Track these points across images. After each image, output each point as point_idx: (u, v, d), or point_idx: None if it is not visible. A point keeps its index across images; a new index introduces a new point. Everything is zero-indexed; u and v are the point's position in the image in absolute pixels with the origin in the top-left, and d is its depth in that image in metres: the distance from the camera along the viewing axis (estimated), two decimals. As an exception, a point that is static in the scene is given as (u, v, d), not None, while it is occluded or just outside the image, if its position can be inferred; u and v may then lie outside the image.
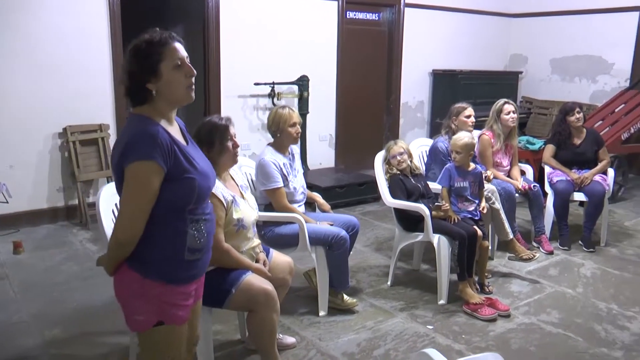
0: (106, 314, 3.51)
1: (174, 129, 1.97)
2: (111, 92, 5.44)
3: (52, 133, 5.17)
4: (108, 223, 2.58)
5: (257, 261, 2.79)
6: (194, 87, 1.95)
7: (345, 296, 3.62)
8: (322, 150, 7.11)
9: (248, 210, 2.76)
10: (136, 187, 1.82)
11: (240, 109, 6.30)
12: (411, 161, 3.96)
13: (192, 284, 2.04)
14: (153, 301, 1.92)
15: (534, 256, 4.23)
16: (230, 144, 2.69)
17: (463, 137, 3.89)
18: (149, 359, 2.07)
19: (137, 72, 1.87)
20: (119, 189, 1.89)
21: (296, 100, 6.46)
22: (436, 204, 3.87)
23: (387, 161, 3.96)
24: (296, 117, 3.57)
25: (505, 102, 4.68)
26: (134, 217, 1.85)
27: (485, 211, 3.97)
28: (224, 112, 5.83)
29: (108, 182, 5.36)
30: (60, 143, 5.22)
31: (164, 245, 1.91)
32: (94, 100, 5.35)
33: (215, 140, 2.65)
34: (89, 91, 5.29)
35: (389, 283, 4.04)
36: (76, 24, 5.16)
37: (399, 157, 3.87)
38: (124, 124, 5.57)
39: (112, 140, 5.45)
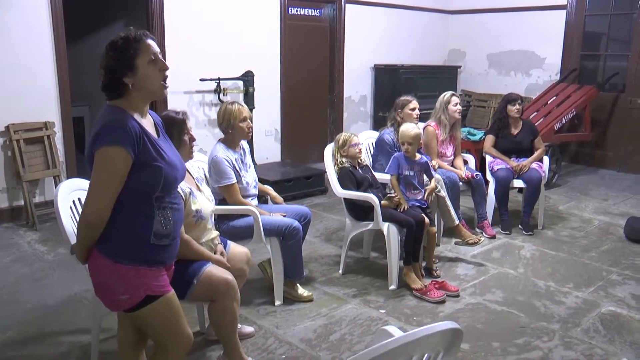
0: (62, 313, 3.48)
1: (147, 122, 2.12)
2: (55, 89, 5.31)
3: (-6, 132, 5.04)
4: (67, 219, 2.58)
5: (215, 252, 2.85)
6: (167, 82, 2.10)
7: (300, 288, 3.70)
8: (268, 145, 7.17)
9: (205, 202, 2.81)
10: (104, 170, 1.96)
11: (187, 105, 6.28)
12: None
13: (161, 268, 2.15)
14: (132, 280, 2.05)
15: (480, 240, 4.45)
16: (186, 137, 2.74)
17: (411, 128, 4.05)
18: (158, 337, 2.21)
19: (115, 67, 2.01)
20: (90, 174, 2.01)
21: (242, 95, 6.49)
22: (388, 194, 4.02)
23: (342, 152, 4.01)
24: (246, 112, 3.61)
25: (452, 94, 4.88)
26: (101, 198, 1.97)
27: (430, 199, 4.14)
28: (170, 108, 5.78)
29: (55, 181, 5.27)
30: (3, 142, 5.06)
31: (132, 229, 2.04)
32: (38, 97, 5.21)
33: (174, 133, 2.69)
34: (31, 88, 5.15)
35: (340, 271, 4.15)
36: (16, 19, 5.01)
37: (360, 146, 4.03)
38: (72, 122, 5.48)
39: (58, 138, 5.34)
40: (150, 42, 2.05)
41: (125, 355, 2.42)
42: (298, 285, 3.71)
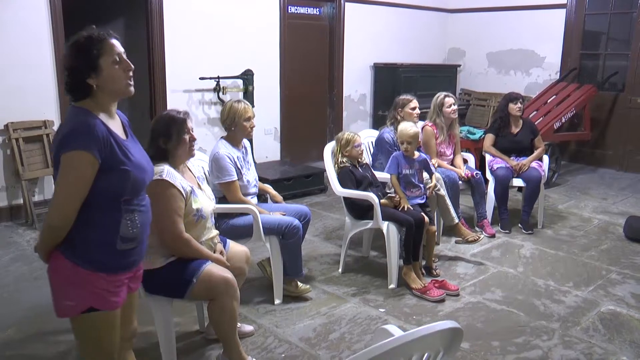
0: (60, 312, 3.48)
1: (114, 123, 2.05)
2: (54, 87, 5.31)
3: (-7, 131, 5.03)
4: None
5: (215, 251, 2.85)
6: (132, 81, 2.04)
7: (299, 283, 3.71)
8: (267, 143, 7.17)
9: (206, 201, 2.81)
10: (69, 175, 1.90)
11: (186, 104, 6.28)
12: (360, 151, 4.10)
13: (125, 273, 2.09)
14: (85, 287, 1.98)
15: (479, 237, 4.45)
16: (187, 136, 2.73)
17: (410, 127, 4.05)
18: (85, 348, 2.13)
19: (78, 67, 1.95)
20: (55, 178, 1.95)
21: (241, 94, 6.48)
22: (388, 194, 4.01)
23: (345, 152, 3.99)
24: (251, 111, 3.62)
25: (446, 96, 4.86)
26: (66, 203, 1.92)
27: (432, 192, 4.14)
28: (169, 107, 5.79)
29: (54, 180, 5.25)
30: (2, 140, 5.05)
31: (97, 232, 1.98)
32: (37, 96, 5.20)
33: (173, 132, 2.69)
34: (30, 87, 5.15)
35: (340, 270, 4.15)
36: (15, 17, 5.01)
37: (362, 147, 4.03)
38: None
39: (56, 137, 5.33)
40: (114, 41, 2.00)
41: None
42: (297, 281, 3.71)
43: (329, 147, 4.18)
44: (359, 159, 4.07)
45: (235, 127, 3.58)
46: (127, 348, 2.32)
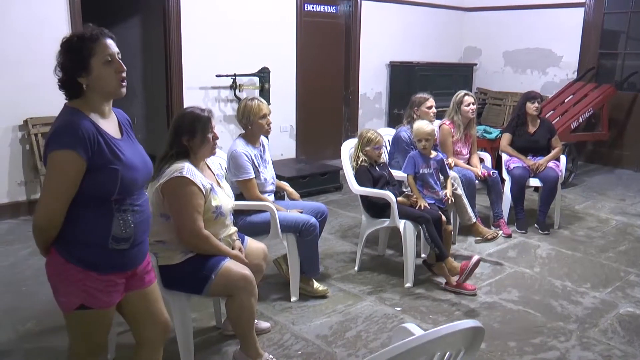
0: (79, 306, 3.51)
1: (107, 122, 2.04)
2: (72, 84, 5.35)
3: (12, 126, 5.07)
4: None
5: (233, 248, 2.86)
6: (125, 82, 2.02)
7: (315, 283, 3.71)
8: (283, 141, 7.17)
9: (225, 198, 2.82)
10: (54, 175, 1.91)
11: (202, 101, 6.30)
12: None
13: (118, 274, 2.07)
14: (75, 284, 1.99)
15: (498, 234, 4.43)
16: (210, 135, 2.75)
17: (426, 124, 4.06)
18: (74, 341, 2.15)
19: (69, 66, 1.95)
20: None
21: (257, 92, 6.50)
22: (406, 193, 4.01)
23: (365, 150, 3.97)
24: (266, 108, 3.62)
25: (465, 94, 4.86)
26: (51, 203, 1.93)
27: (450, 201, 4.12)
28: (186, 104, 5.82)
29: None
30: (21, 136, 5.12)
31: (88, 231, 1.98)
32: (55, 91, 5.17)
33: (197, 130, 2.69)
34: (49, 83, 5.06)
35: (356, 268, 4.16)
36: (34, 13, 5.06)
37: (382, 149, 4.04)
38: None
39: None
40: (108, 41, 1.98)
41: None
42: (313, 280, 3.72)
43: (347, 146, 4.18)
44: (377, 160, 4.06)
45: (251, 125, 3.59)
46: (156, 347, 2.31)
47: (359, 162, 3.98)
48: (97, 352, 2.16)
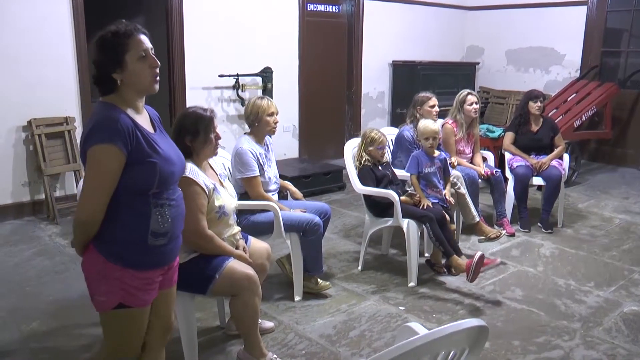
0: (83, 306, 3.49)
1: (142, 117, 2.05)
2: (76, 84, 5.36)
3: (16, 126, 5.07)
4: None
5: (237, 248, 2.86)
6: (158, 78, 2.04)
7: (318, 280, 3.72)
8: (286, 140, 7.18)
9: (228, 198, 2.83)
10: (96, 169, 1.91)
11: (205, 101, 6.30)
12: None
13: (157, 271, 2.09)
14: (114, 283, 1.99)
15: (501, 233, 4.42)
16: (213, 135, 2.75)
17: (431, 123, 4.06)
18: (109, 341, 2.15)
19: (103, 62, 1.96)
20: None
21: (260, 91, 6.50)
22: (409, 192, 4.01)
23: (368, 150, 3.96)
24: (274, 107, 3.64)
25: (469, 93, 4.85)
26: (94, 197, 1.93)
27: (452, 201, 4.12)
28: (189, 104, 5.82)
29: (75, 175, 5.33)
30: (25, 136, 5.12)
31: (128, 227, 1.99)
32: (58, 92, 5.26)
33: (200, 131, 2.70)
34: (52, 83, 5.21)
35: (359, 268, 4.16)
36: (36, 13, 5.06)
37: (385, 149, 4.03)
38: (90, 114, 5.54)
39: (78, 133, 5.40)
40: (142, 37, 1.99)
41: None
42: (317, 277, 3.72)
43: (350, 145, 4.18)
44: (380, 159, 4.06)
45: (258, 122, 3.60)
46: (158, 348, 2.31)
47: (363, 162, 3.98)
48: (131, 354, 2.16)
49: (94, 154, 1.90)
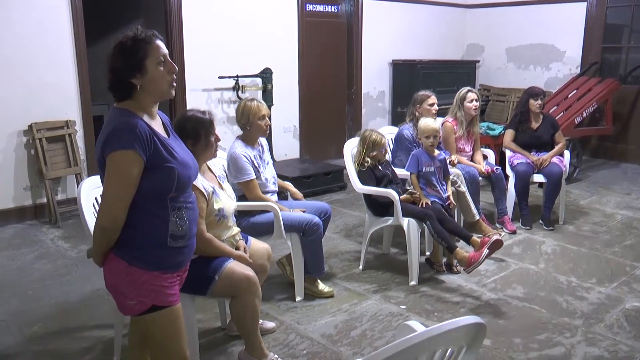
0: (85, 308, 3.54)
1: (156, 123, 2.08)
2: (76, 88, 5.38)
3: (17, 131, 5.09)
4: (90, 216, 2.62)
5: (237, 249, 2.86)
6: (175, 84, 2.06)
7: (321, 284, 3.71)
8: (286, 141, 7.19)
9: (227, 200, 2.83)
10: (116, 175, 1.93)
11: (205, 102, 6.32)
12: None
13: (176, 272, 2.12)
14: (143, 286, 2.01)
15: (501, 234, 4.41)
16: (213, 138, 2.76)
17: (430, 122, 4.06)
18: (157, 345, 2.15)
19: (123, 68, 1.97)
20: (103, 179, 1.98)
21: (260, 92, 6.51)
22: (409, 190, 4.01)
23: (370, 154, 3.95)
24: (265, 109, 3.62)
25: (469, 91, 4.84)
26: (115, 204, 1.95)
27: (453, 202, 4.12)
28: (189, 106, 5.83)
29: (76, 179, 5.35)
30: (26, 141, 5.14)
31: (148, 232, 2.01)
32: (59, 96, 5.28)
33: (201, 135, 2.71)
34: (53, 87, 5.22)
35: (360, 267, 4.16)
36: (36, 18, 5.07)
37: (387, 147, 4.03)
38: (92, 120, 5.55)
39: (79, 136, 5.42)
40: (160, 43, 2.02)
41: (132, 355, 2.44)
42: (319, 281, 3.72)
43: (349, 145, 4.18)
44: (381, 159, 4.06)
45: (250, 126, 3.58)
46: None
47: (367, 166, 3.96)
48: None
49: (114, 159, 1.91)
